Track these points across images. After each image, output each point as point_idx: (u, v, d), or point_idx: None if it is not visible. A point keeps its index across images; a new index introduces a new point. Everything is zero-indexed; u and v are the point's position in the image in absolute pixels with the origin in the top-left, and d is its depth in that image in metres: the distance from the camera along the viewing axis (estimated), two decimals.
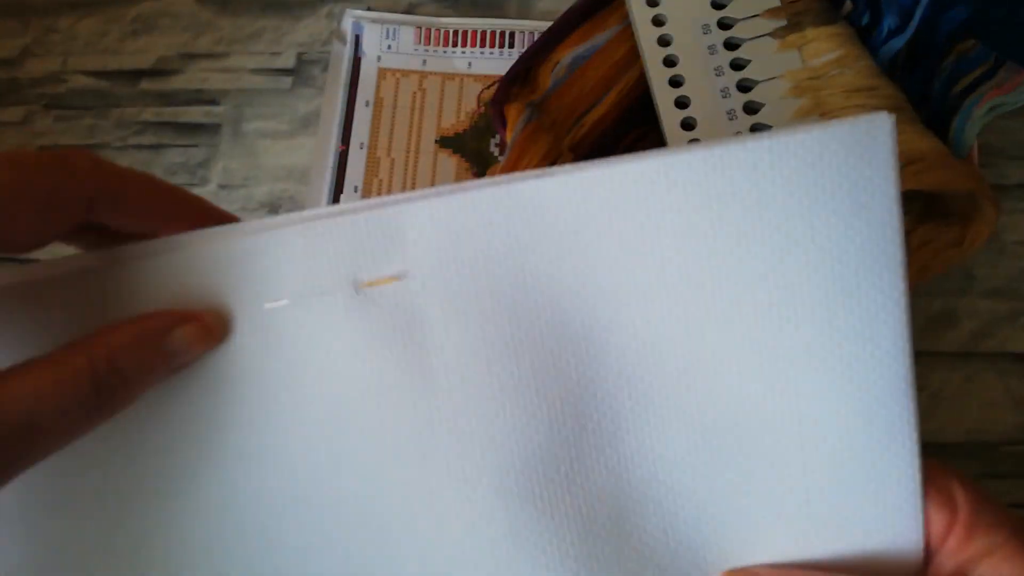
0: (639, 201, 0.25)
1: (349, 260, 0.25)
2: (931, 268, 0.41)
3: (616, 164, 0.25)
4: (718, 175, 0.24)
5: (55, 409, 0.21)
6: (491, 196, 0.25)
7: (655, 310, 0.25)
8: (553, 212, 0.25)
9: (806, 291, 0.24)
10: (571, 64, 0.46)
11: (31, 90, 0.51)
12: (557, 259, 0.25)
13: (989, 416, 0.42)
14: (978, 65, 0.43)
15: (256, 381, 0.25)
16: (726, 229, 0.25)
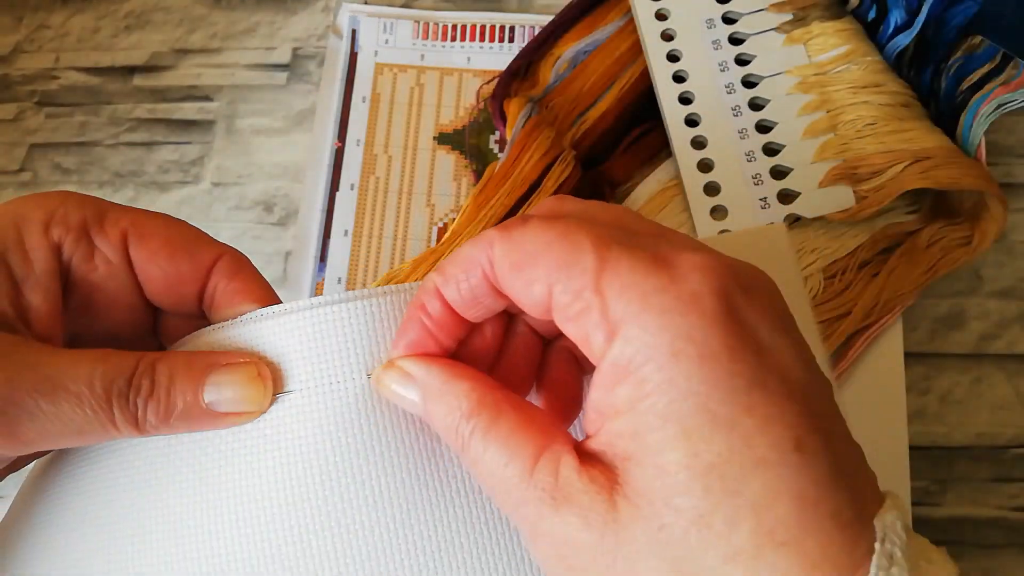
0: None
1: (364, 347, 0.24)
2: (939, 268, 0.41)
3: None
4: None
5: (86, 377, 0.22)
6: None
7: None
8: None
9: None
10: (573, 59, 0.45)
11: (23, 87, 0.51)
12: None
13: (998, 418, 0.41)
14: (985, 62, 0.42)
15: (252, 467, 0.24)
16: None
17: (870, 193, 0.39)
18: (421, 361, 0.23)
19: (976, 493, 0.40)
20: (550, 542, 0.19)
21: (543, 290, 0.20)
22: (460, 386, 0.22)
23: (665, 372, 0.18)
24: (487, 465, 0.21)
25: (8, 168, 0.49)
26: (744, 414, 0.18)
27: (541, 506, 0.19)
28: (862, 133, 0.40)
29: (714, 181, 0.41)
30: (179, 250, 0.25)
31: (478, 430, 0.21)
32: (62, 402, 0.21)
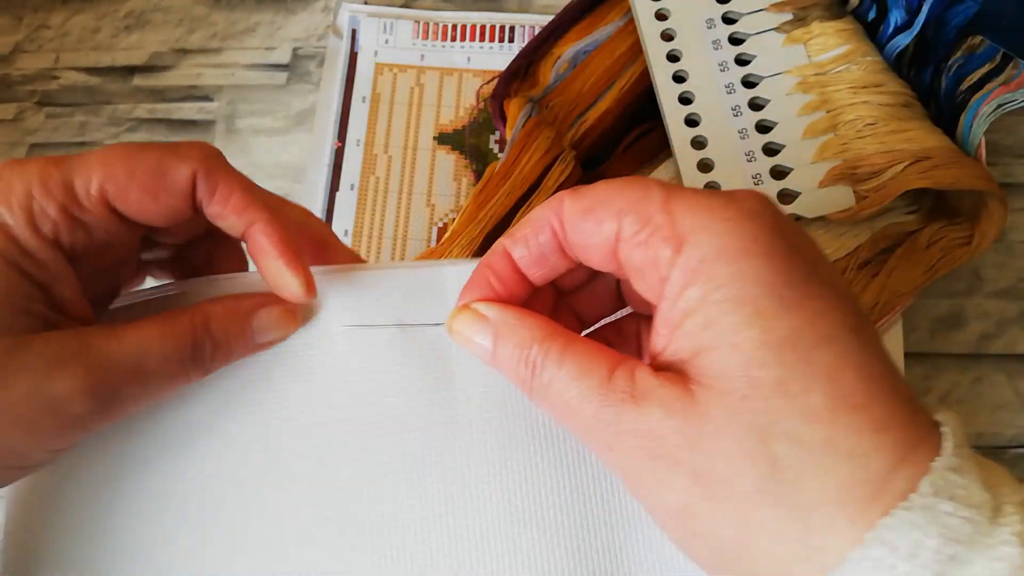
0: None
1: (399, 305, 0.28)
2: (939, 268, 0.41)
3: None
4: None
5: (159, 356, 0.25)
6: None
7: None
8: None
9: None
10: (573, 59, 0.45)
11: (23, 87, 0.51)
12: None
13: (998, 418, 0.41)
14: (985, 62, 0.42)
15: (300, 376, 0.28)
16: None
17: (870, 193, 0.39)
18: (492, 304, 0.25)
19: None
20: (633, 438, 0.21)
21: (612, 227, 0.22)
22: (531, 321, 0.24)
23: (736, 265, 0.20)
24: (562, 382, 0.22)
25: None
26: (807, 299, 0.20)
27: (622, 405, 0.21)
28: (862, 133, 0.40)
29: (714, 181, 0.41)
30: (158, 191, 0.25)
31: (552, 352, 0.23)
32: (150, 382, 0.25)
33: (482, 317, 0.25)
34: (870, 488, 0.19)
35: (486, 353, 0.25)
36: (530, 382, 0.23)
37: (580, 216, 0.23)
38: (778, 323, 0.20)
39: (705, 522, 0.20)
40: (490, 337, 0.24)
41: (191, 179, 0.26)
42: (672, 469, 0.20)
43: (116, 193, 0.25)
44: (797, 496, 0.19)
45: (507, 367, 0.24)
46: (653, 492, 0.21)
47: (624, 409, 0.21)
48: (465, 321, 0.25)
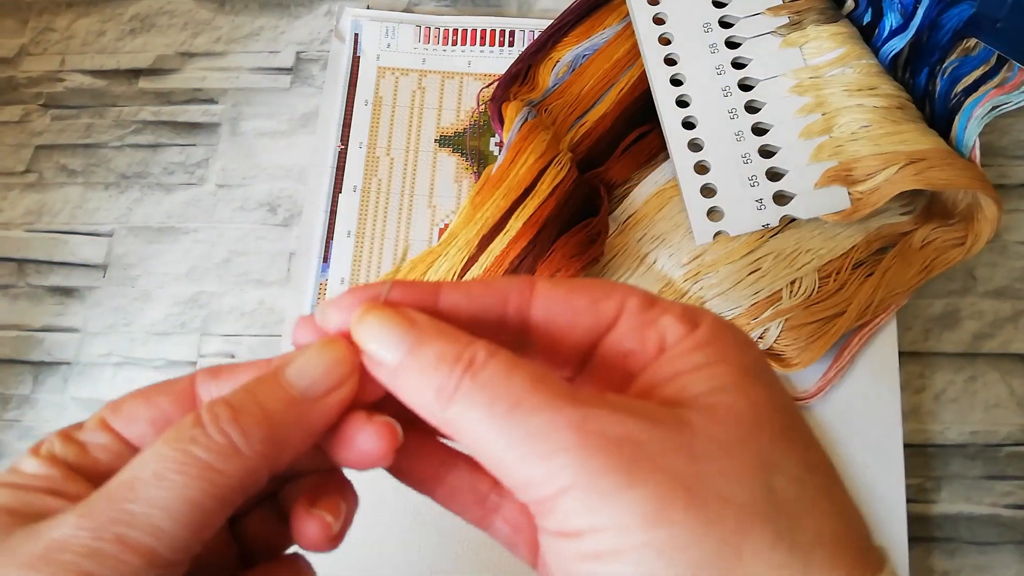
0: None
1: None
2: (933, 268, 0.41)
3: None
4: None
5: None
6: None
7: None
8: None
9: None
10: (572, 62, 0.45)
11: (28, 89, 0.51)
12: None
13: (992, 417, 0.41)
14: (980, 64, 0.43)
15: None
16: None
17: (865, 194, 0.40)
18: (419, 313, 0.21)
19: (970, 491, 0.40)
20: (601, 439, 0.19)
21: (612, 306, 0.22)
22: (470, 336, 0.21)
23: (743, 351, 0.21)
24: (513, 381, 0.19)
25: (14, 169, 0.49)
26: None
27: (594, 408, 0.19)
28: (857, 135, 0.40)
29: (711, 183, 0.42)
30: (152, 396, 0.23)
31: (502, 355, 0.20)
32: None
33: (408, 319, 0.21)
34: (859, 549, 0.19)
35: (387, 367, 0.21)
36: (457, 381, 0.20)
37: (567, 294, 0.22)
38: (781, 395, 0.21)
39: (685, 530, 0.18)
40: (403, 348, 0.20)
41: (191, 378, 0.24)
42: (651, 472, 0.18)
43: (112, 412, 0.23)
44: (796, 530, 0.18)
45: (420, 372, 0.20)
46: (610, 498, 0.18)
47: (596, 412, 0.19)
48: (383, 320, 0.21)
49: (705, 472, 0.18)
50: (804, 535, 0.18)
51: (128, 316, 0.46)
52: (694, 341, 0.21)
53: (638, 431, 0.19)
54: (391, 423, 0.22)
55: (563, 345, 0.22)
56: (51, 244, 0.48)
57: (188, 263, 0.47)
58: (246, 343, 0.45)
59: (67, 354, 0.46)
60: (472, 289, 0.22)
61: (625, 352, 0.22)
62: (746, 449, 0.19)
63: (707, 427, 0.19)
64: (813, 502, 0.19)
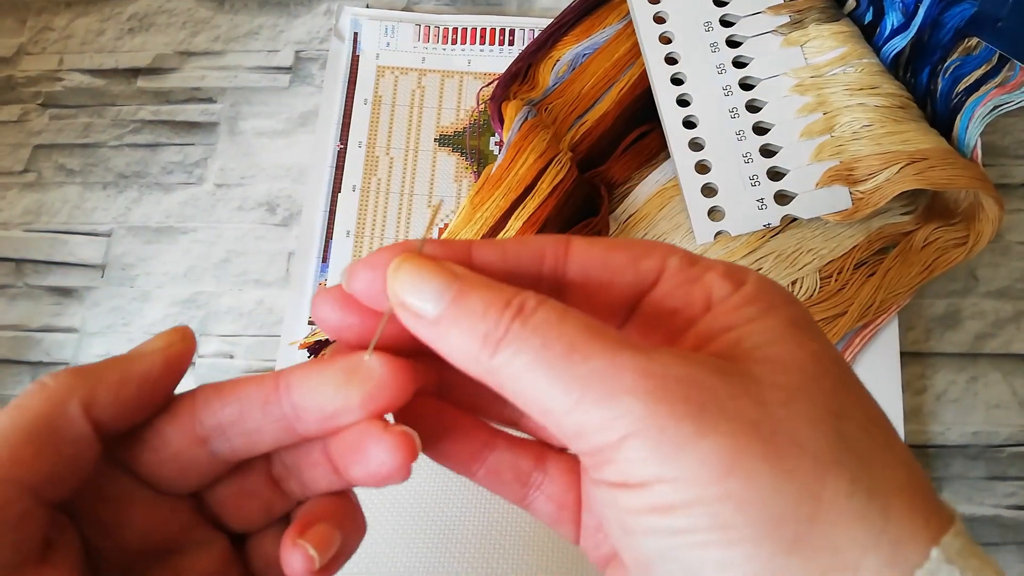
0: None
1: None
2: (935, 268, 0.41)
3: None
4: None
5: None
6: None
7: None
8: None
9: None
10: (572, 61, 0.45)
11: (27, 89, 0.51)
12: None
13: (994, 417, 0.41)
14: (982, 64, 0.42)
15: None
16: None
17: (866, 194, 0.40)
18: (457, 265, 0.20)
19: (972, 491, 0.40)
20: (672, 382, 0.18)
21: (653, 265, 0.21)
22: (514, 287, 0.20)
23: (790, 307, 0.20)
24: (567, 326, 0.18)
25: (13, 169, 0.49)
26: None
27: (658, 352, 0.18)
28: (859, 135, 0.40)
29: (711, 182, 0.42)
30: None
31: (551, 302, 0.19)
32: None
33: (446, 270, 0.20)
34: (931, 499, 0.18)
35: (425, 318, 0.20)
36: (507, 326, 0.18)
37: (606, 252, 0.21)
38: (833, 349, 0.20)
39: (763, 480, 0.17)
40: (447, 298, 0.19)
41: (192, 396, 0.23)
42: (723, 418, 0.17)
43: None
44: (872, 478, 0.17)
45: (466, 321, 0.19)
46: (681, 447, 0.17)
47: (661, 354, 0.18)
48: (422, 270, 0.20)
49: (777, 418, 0.17)
50: (880, 482, 0.17)
51: (126, 316, 0.46)
52: (742, 297, 0.20)
53: (704, 376, 0.18)
54: (409, 434, 0.21)
55: (601, 303, 0.22)
56: (49, 244, 0.47)
57: (186, 263, 0.46)
58: (244, 343, 0.45)
59: (65, 354, 0.45)
60: (507, 246, 0.21)
61: (670, 309, 0.21)
62: (813, 397, 0.18)
63: (771, 376, 0.18)
64: (882, 450, 0.18)
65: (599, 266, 0.21)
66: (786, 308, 0.20)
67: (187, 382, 0.44)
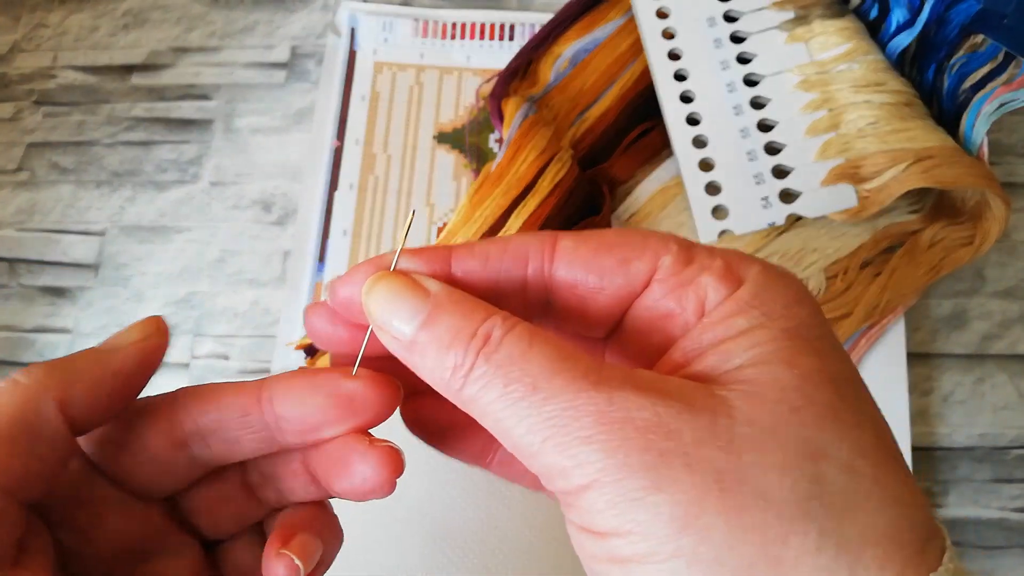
0: None
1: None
2: (941, 268, 0.41)
3: None
4: None
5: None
6: None
7: None
8: None
9: None
10: (573, 57, 0.45)
11: (20, 86, 0.50)
12: None
13: (1000, 419, 0.41)
14: (987, 61, 0.42)
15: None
16: None
17: (872, 192, 0.39)
18: (432, 279, 0.20)
19: (978, 494, 0.40)
20: (630, 428, 0.17)
21: (644, 266, 0.20)
22: (486, 307, 0.19)
23: (792, 309, 0.19)
24: (531, 361, 0.18)
25: (6, 167, 0.49)
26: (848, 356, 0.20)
27: (621, 391, 0.17)
28: (864, 132, 0.40)
29: (715, 180, 0.41)
30: (133, 421, 0.22)
31: (520, 329, 0.18)
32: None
33: (419, 287, 0.19)
34: (917, 540, 0.17)
35: (400, 340, 0.19)
36: (472, 361, 0.18)
37: (593, 254, 0.20)
38: (833, 362, 0.19)
39: (719, 537, 0.16)
40: (418, 320, 0.19)
41: (171, 400, 0.22)
42: (683, 468, 0.16)
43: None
44: (844, 527, 0.16)
45: (435, 348, 0.19)
46: (640, 496, 0.17)
47: (624, 395, 0.17)
48: (394, 289, 0.20)
49: (743, 465, 0.17)
50: (853, 531, 0.16)
51: (120, 316, 0.45)
52: (736, 303, 0.19)
53: (670, 417, 0.17)
54: (395, 449, 0.21)
55: (591, 307, 0.21)
56: (43, 243, 0.47)
57: (181, 263, 0.46)
58: (239, 344, 0.44)
59: (59, 355, 0.45)
60: (488, 252, 0.21)
61: (662, 314, 0.20)
62: (790, 435, 0.17)
63: (747, 409, 0.17)
64: (866, 492, 0.17)
65: (587, 269, 0.21)
66: (784, 313, 0.19)
67: (182, 383, 0.43)
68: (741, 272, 0.20)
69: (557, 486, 0.18)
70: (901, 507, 0.17)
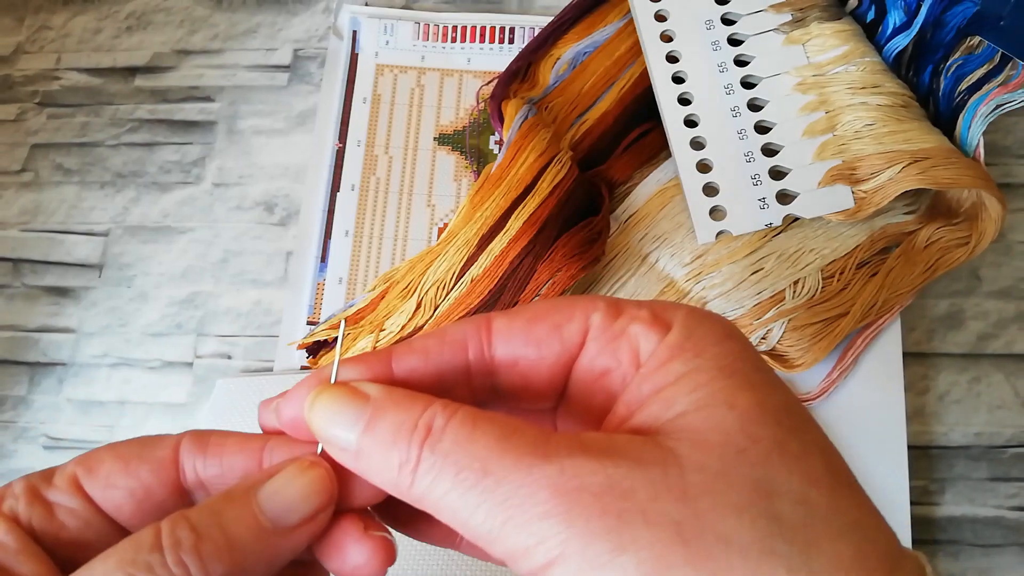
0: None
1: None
2: (937, 268, 0.41)
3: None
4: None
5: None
6: None
7: None
8: None
9: None
10: (572, 60, 0.45)
11: (24, 88, 0.51)
12: None
13: (996, 418, 0.41)
14: (984, 62, 0.42)
15: None
16: None
17: (868, 193, 0.39)
18: (373, 383, 0.20)
19: (974, 492, 0.40)
20: (585, 495, 0.17)
21: (577, 328, 0.20)
22: (427, 398, 0.19)
23: (722, 346, 0.19)
24: (477, 444, 0.18)
25: (10, 168, 0.49)
26: (784, 385, 0.20)
27: (572, 458, 0.17)
28: (861, 134, 0.40)
29: (713, 182, 0.41)
30: (132, 461, 0.21)
31: (462, 414, 0.18)
32: None
33: (359, 394, 0.19)
34: (886, 564, 0.17)
35: (348, 450, 0.19)
36: (418, 454, 0.18)
37: (526, 326, 0.21)
38: (771, 394, 0.19)
39: None
40: (362, 423, 0.19)
41: (175, 445, 0.22)
42: (643, 525, 0.16)
43: (86, 472, 0.21)
44: (811, 561, 0.16)
45: (380, 450, 0.19)
46: (605, 560, 0.16)
47: (574, 462, 0.17)
48: (333, 401, 0.19)
49: (700, 512, 0.17)
50: (820, 563, 0.16)
51: (124, 316, 0.45)
52: (668, 348, 0.19)
53: (621, 477, 0.17)
54: (388, 539, 0.21)
55: (535, 380, 0.21)
56: (47, 244, 0.47)
57: (184, 263, 0.46)
58: (242, 344, 0.44)
59: (63, 355, 0.45)
60: (427, 345, 0.21)
61: (601, 372, 0.20)
62: (740, 475, 0.17)
63: (695, 456, 0.17)
64: (825, 521, 0.17)
65: (523, 342, 0.21)
66: (716, 351, 0.19)
67: (186, 382, 0.44)
68: (668, 317, 0.20)
69: (523, 568, 0.17)
70: (863, 531, 0.17)
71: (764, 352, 0.41)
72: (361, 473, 0.20)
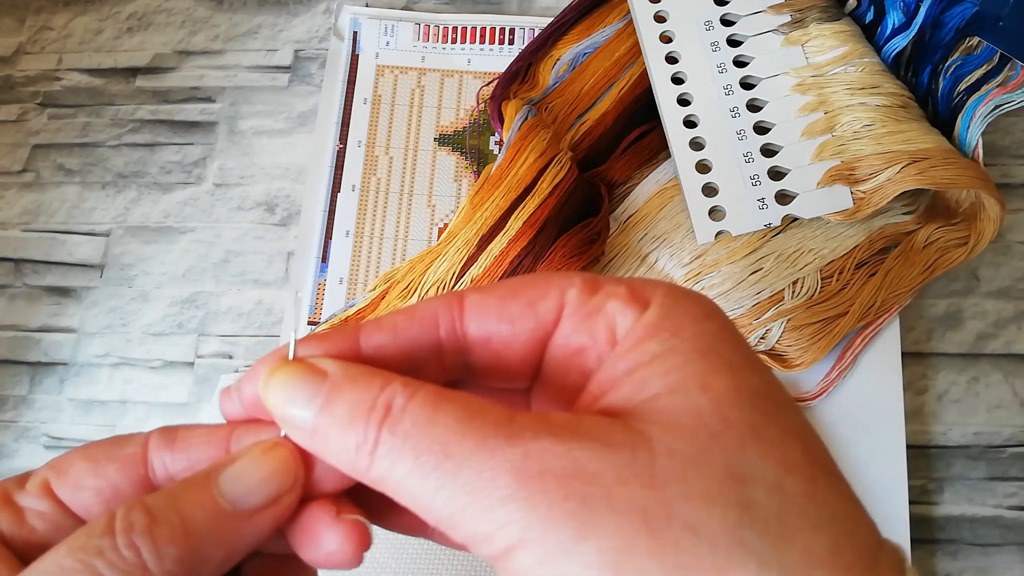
0: None
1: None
2: (936, 268, 0.41)
3: None
4: None
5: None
6: None
7: None
8: None
9: None
10: (572, 61, 0.45)
11: (25, 88, 0.51)
12: None
13: (995, 417, 0.41)
14: (983, 63, 0.42)
15: None
16: None
17: (867, 194, 0.40)
18: (333, 359, 0.19)
19: (973, 492, 0.40)
20: (549, 479, 0.16)
21: (551, 305, 0.20)
22: (387, 376, 0.18)
23: (701, 325, 0.18)
24: (438, 425, 0.17)
25: (11, 169, 0.49)
26: (766, 366, 0.19)
27: (536, 441, 0.17)
28: (860, 134, 0.40)
29: (712, 182, 0.42)
30: (100, 461, 0.21)
31: (423, 393, 0.18)
32: None
33: (316, 371, 0.19)
34: (864, 559, 0.16)
35: (304, 429, 0.18)
36: (376, 435, 0.17)
37: (500, 302, 0.20)
38: (749, 377, 0.18)
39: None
40: (318, 401, 0.18)
41: (144, 443, 0.21)
42: (607, 512, 0.16)
43: (57, 475, 0.21)
44: (784, 554, 0.16)
45: (337, 429, 0.18)
46: (567, 548, 0.16)
47: (539, 444, 0.16)
48: (289, 376, 0.19)
49: (669, 499, 0.16)
50: (793, 557, 0.15)
51: (125, 316, 0.46)
52: (644, 327, 0.18)
53: (588, 460, 0.16)
54: (361, 523, 0.20)
55: (509, 358, 0.20)
56: (48, 244, 0.47)
57: (185, 263, 0.46)
58: (243, 343, 0.44)
59: (64, 355, 0.45)
60: (396, 321, 0.20)
61: (576, 350, 0.20)
62: (712, 461, 0.16)
63: (667, 440, 0.17)
64: (800, 512, 0.16)
65: (496, 319, 0.20)
66: (694, 331, 0.18)
67: (187, 382, 0.44)
68: (647, 294, 0.19)
69: (484, 552, 0.17)
70: (840, 523, 0.16)
71: (763, 352, 0.41)
72: (318, 454, 0.19)
